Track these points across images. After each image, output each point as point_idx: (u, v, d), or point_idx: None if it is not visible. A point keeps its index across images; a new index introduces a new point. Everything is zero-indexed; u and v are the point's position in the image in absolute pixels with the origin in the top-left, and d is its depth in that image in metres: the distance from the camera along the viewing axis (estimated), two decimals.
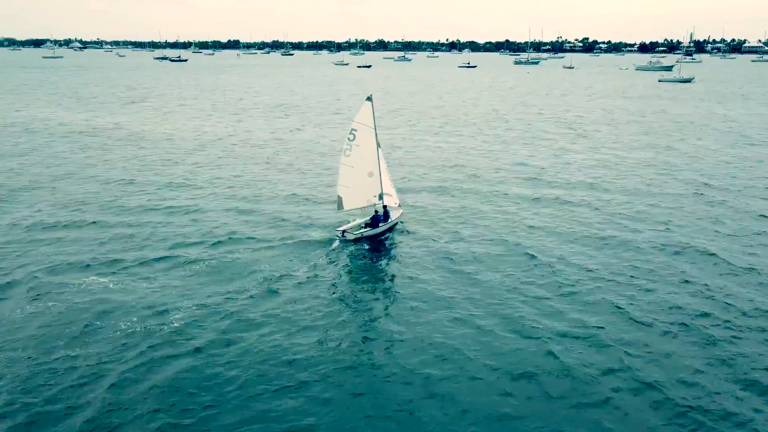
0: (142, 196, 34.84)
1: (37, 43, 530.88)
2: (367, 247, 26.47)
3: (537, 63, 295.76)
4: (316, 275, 23.06)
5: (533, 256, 25.37)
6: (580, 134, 60.68)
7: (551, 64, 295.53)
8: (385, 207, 28.49)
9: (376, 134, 27.36)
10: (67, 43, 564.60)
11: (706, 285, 22.66)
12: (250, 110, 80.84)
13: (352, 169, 27.28)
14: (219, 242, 26.54)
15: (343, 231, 26.91)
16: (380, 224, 27.82)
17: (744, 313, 20.34)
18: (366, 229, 27.33)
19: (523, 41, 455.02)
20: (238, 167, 43.43)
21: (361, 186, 27.64)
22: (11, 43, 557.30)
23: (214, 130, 61.12)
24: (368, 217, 28.07)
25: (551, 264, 24.58)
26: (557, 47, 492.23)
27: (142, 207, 32.54)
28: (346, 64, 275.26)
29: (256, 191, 36.21)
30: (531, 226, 29.60)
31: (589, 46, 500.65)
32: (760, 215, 31.91)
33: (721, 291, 22.12)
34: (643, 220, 30.90)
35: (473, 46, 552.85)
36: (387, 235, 28.03)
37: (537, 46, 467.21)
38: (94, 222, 29.68)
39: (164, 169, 42.17)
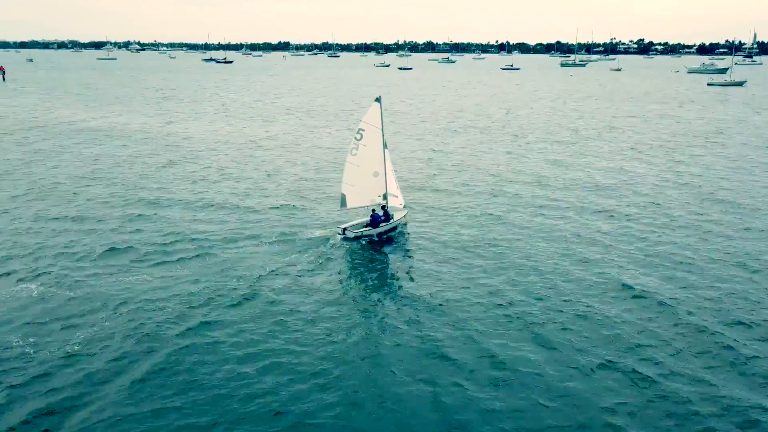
0: (141, 192, 35.86)
1: (98, 45, 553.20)
2: (366, 245, 26.85)
3: (584, 65, 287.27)
4: (313, 271, 23.59)
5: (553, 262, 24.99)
6: (559, 140, 57.31)
7: (599, 66, 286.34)
8: (384, 207, 28.65)
9: (383, 135, 27.92)
10: (126, 45, 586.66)
11: None
12: (257, 112, 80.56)
13: (358, 168, 27.74)
14: (222, 238, 27.22)
15: (344, 228, 27.48)
16: (381, 224, 28.05)
17: None
18: (367, 228, 27.70)
19: (574, 43, 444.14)
20: (238, 167, 43.71)
21: (366, 185, 28.15)
22: (74, 45, 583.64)
23: (216, 131, 60.84)
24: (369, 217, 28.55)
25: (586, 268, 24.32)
26: (610, 49, 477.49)
27: (144, 202, 33.69)
28: (387, 66, 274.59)
29: (257, 190, 36.71)
30: (541, 229, 29.01)
31: (644, 48, 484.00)
32: None
33: None
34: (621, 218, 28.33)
35: (523, 48, 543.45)
36: (389, 235, 28.23)
37: (588, 48, 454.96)
38: (99, 220, 30.29)
39: (161, 169, 42.02)
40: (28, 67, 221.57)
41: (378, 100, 27.88)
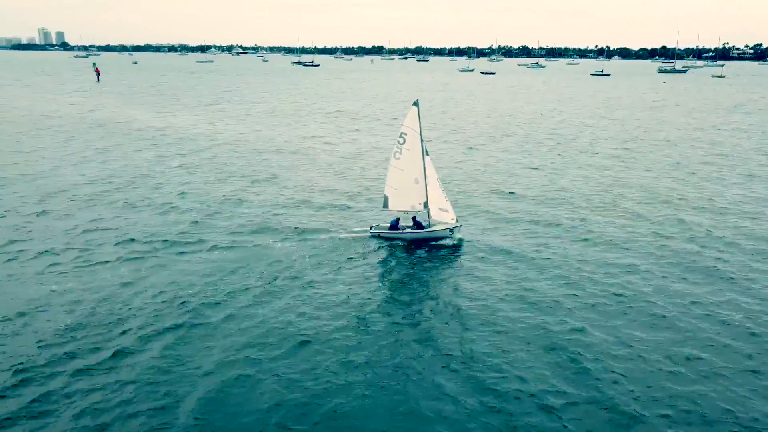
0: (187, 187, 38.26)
1: (204, 49, 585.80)
2: (403, 249, 27.09)
3: (684, 71, 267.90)
4: (343, 268, 24.55)
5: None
6: (575, 149, 52.49)
7: (702, 73, 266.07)
8: (414, 218, 28.50)
9: (422, 140, 27.30)
10: (230, 48, 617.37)
11: None
12: (306, 114, 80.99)
13: (402, 171, 27.78)
14: (259, 230, 28.93)
15: (372, 226, 28.64)
16: (404, 230, 28.13)
17: None
18: (394, 231, 28.09)
19: (682, 48, 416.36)
20: (281, 166, 45.29)
21: (407, 190, 28.04)
22: (183, 48, 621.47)
23: (268, 133, 61.66)
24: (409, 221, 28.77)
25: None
26: (720, 54, 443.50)
27: (189, 196, 35.81)
28: (471, 70, 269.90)
29: (301, 189, 37.94)
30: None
31: (761, 53, 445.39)
32: None
33: None
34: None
35: (624, 53, 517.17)
36: (432, 244, 27.66)
37: (698, 53, 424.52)
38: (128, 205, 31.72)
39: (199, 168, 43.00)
40: (130, 68, 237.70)
41: (416, 104, 27.00)
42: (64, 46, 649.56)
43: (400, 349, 18.29)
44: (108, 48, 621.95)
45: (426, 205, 28.03)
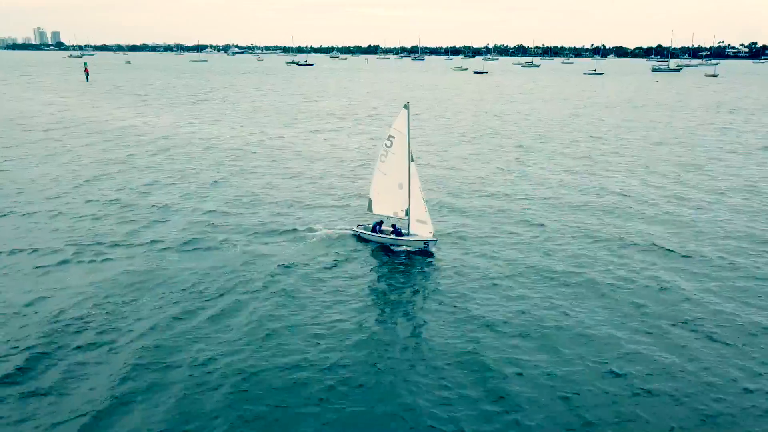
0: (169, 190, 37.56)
1: (200, 49, 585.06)
2: (383, 253, 26.56)
3: (679, 70, 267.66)
4: (327, 269, 24.44)
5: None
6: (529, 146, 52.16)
7: (697, 71, 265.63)
8: (394, 225, 27.55)
9: (408, 145, 26.11)
10: (226, 48, 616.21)
11: None
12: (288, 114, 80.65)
13: (385, 176, 27.09)
14: (244, 231, 28.82)
15: (359, 225, 28.47)
16: (382, 233, 27.44)
17: None
18: (374, 234, 27.54)
19: (678, 46, 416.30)
20: (260, 167, 44.77)
21: (390, 195, 27.20)
22: (179, 48, 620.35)
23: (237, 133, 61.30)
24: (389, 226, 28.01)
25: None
26: (716, 53, 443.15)
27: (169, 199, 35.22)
28: (465, 69, 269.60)
29: (282, 191, 37.49)
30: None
31: (756, 52, 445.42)
32: None
33: None
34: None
35: (620, 52, 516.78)
36: (410, 252, 26.68)
37: (693, 52, 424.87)
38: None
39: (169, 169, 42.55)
40: (122, 68, 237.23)
41: (406, 106, 25.97)
42: (60, 45, 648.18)
43: (375, 348, 18.26)
44: (104, 48, 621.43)
45: (408, 212, 26.94)
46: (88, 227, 29.44)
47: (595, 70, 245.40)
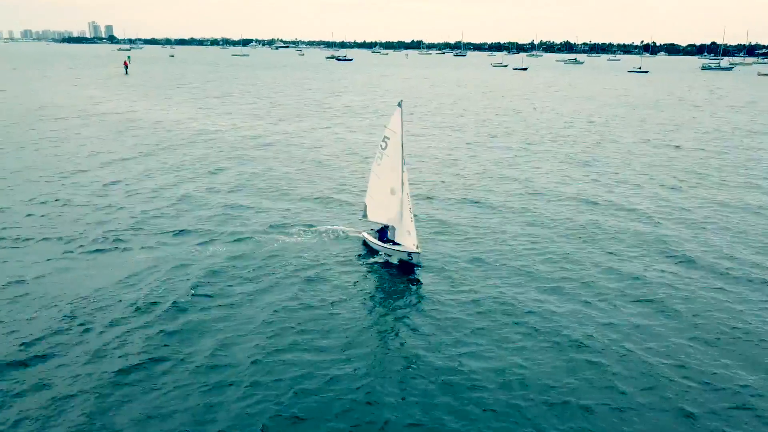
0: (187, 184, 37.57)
1: (245, 43, 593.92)
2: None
3: (730, 69, 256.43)
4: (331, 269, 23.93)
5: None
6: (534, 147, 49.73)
7: (751, 70, 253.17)
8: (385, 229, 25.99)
9: (402, 147, 24.12)
10: (271, 42, 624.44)
11: None
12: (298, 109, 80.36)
13: (378, 180, 25.53)
14: (251, 227, 28.49)
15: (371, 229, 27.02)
16: (373, 240, 26.01)
17: None
18: (371, 240, 26.09)
19: (734, 44, 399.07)
20: (265, 164, 44.29)
21: (383, 201, 25.43)
22: (225, 42, 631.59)
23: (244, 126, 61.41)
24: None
25: None
26: None
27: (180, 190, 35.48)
28: (505, 66, 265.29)
29: (287, 189, 36.81)
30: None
31: None
32: None
33: None
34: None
35: (671, 49, 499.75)
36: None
37: (749, 49, 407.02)
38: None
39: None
40: (165, 61, 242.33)
41: (400, 105, 24.01)
42: (112, 39, 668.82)
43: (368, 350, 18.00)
44: (153, 41, 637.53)
45: (399, 219, 24.90)
46: (91, 218, 29.48)
47: (639, 68, 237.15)
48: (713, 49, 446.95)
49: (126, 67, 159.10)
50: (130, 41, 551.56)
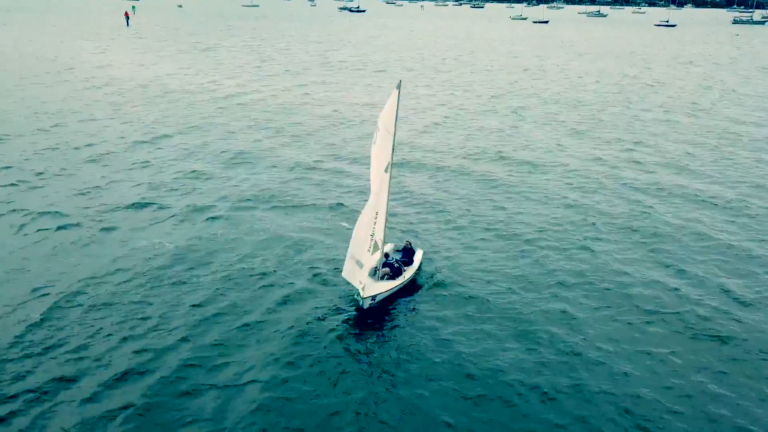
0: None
1: None
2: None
3: (763, 23, 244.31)
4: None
5: None
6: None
7: None
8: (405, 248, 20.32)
9: (394, 145, 16.97)
10: None
11: None
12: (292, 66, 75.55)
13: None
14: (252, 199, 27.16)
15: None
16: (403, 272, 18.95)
17: None
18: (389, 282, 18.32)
19: None
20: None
21: (368, 206, 16.97)
22: None
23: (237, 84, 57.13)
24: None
25: None
26: None
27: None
28: (524, 19, 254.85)
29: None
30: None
31: None
32: None
33: None
34: None
35: (697, 1, 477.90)
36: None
37: None
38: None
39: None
40: (171, 12, 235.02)
41: (398, 87, 16.82)
42: None
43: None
44: None
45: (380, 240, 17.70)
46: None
47: (667, 22, 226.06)
48: (743, 2, 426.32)
49: (127, 18, 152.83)
50: None
